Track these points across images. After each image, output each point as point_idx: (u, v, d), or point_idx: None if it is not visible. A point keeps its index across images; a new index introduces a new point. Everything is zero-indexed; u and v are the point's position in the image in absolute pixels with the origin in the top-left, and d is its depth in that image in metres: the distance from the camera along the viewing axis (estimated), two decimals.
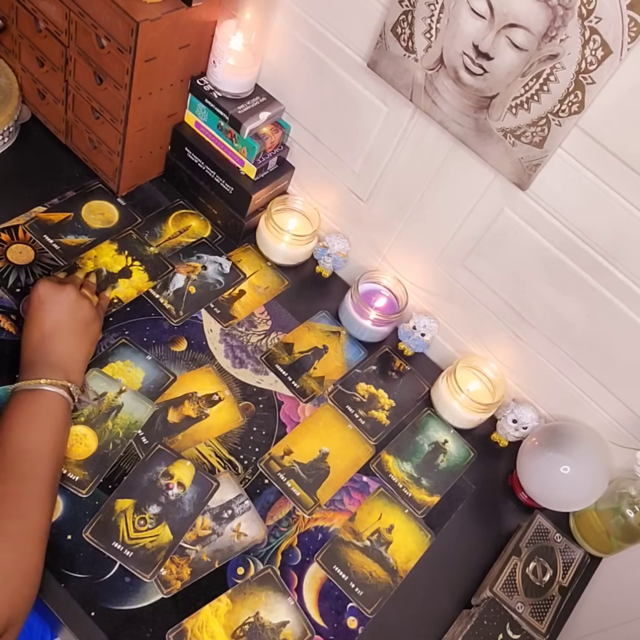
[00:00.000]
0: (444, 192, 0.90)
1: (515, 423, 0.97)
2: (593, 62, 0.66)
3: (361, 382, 0.98)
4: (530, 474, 0.91)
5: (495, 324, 0.96)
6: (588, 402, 0.93)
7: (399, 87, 0.83)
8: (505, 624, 0.81)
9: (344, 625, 0.79)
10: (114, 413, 0.83)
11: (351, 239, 1.07)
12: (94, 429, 0.81)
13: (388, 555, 0.85)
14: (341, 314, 1.03)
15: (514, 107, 0.74)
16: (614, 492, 0.89)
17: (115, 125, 0.93)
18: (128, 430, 0.83)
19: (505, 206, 0.84)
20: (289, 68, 0.97)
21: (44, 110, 1.03)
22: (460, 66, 0.75)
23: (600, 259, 0.79)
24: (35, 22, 0.92)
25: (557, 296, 0.86)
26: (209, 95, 0.96)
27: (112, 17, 0.81)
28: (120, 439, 0.82)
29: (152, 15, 0.80)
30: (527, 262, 0.86)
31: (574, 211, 0.79)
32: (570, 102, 0.70)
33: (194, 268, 1.01)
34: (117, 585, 0.73)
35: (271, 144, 0.99)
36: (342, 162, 0.99)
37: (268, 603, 0.77)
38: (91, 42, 0.86)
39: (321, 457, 0.89)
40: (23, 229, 0.95)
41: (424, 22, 0.76)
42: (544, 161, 0.76)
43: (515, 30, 0.69)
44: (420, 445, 0.95)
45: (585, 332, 0.86)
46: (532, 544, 0.88)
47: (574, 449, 0.88)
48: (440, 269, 0.97)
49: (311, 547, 0.82)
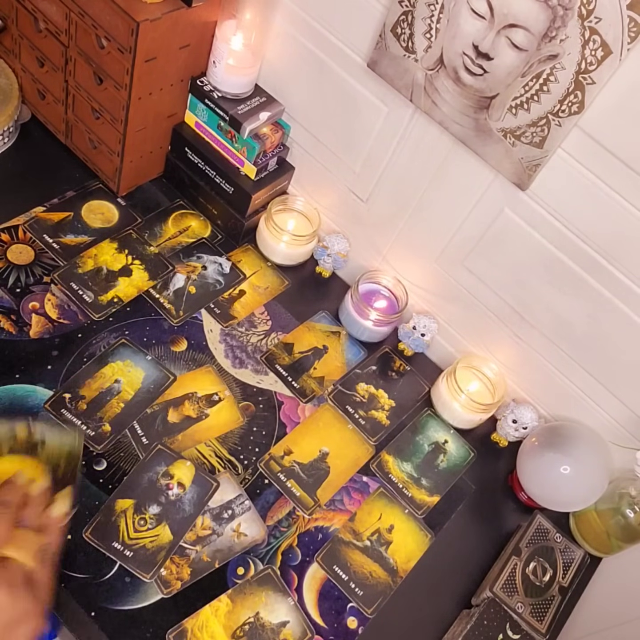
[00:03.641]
0: (444, 192, 0.90)
1: (515, 423, 0.97)
2: (593, 63, 0.66)
3: (361, 382, 0.98)
4: (530, 474, 0.91)
5: (495, 324, 0.96)
6: (588, 402, 0.93)
7: (399, 88, 0.83)
8: (505, 624, 0.81)
9: (344, 625, 0.79)
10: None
11: (351, 239, 1.07)
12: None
13: (388, 555, 0.85)
14: (341, 314, 1.03)
15: (514, 107, 0.74)
16: (614, 492, 0.89)
17: (115, 125, 0.93)
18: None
19: (505, 206, 0.84)
20: (289, 68, 0.97)
21: (44, 110, 1.03)
22: (460, 66, 0.75)
23: (600, 259, 0.79)
24: (35, 22, 0.92)
25: (557, 296, 0.86)
26: (209, 96, 0.96)
27: (112, 17, 0.81)
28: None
29: (152, 15, 0.80)
30: (527, 262, 0.86)
31: (574, 211, 0.79)
32: (570, 102, 0.70)
33: (194, 268, 1.01)
34: (117, 585, 0.73)
35: (271, 144, 0.99)
36: (342, 162, 0.99)
37: (268, 603, 0.77)
38: (91, 42, 0.86)
39: (321, 457, 0.89)
40: (23, 229, 0.95)
41: (424, 22, 0.76)
42: (544, 161, 0.76)
43: (515, 30, 0.69)
44: (420, 446, 0.95)
45: (585, 332, 0.86)
46: (532, 544, 0.88)
47: (574, 449, 0.88)
48: (440, 269, 0.97)
49: (311, 547, 0.82)
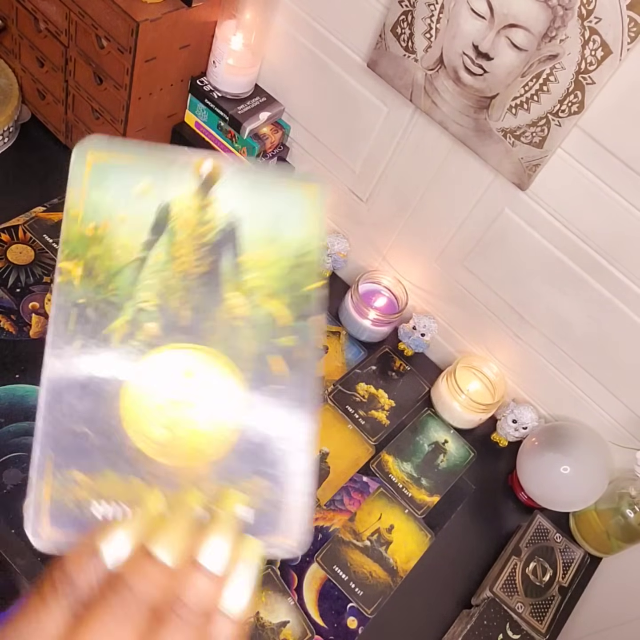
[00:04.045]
0: (444, 192, 0.90)
1: (515, 423, 0.97)
2: (593, 63, 0.66)
3: (361, 382, 0.98)
4: (530, 474, 0.91)
5: (495, 324, 0.96)
6: (588, 402, 0.93)
7: (399, 87, 0.83)
8: (505, 624, 0.81)
9: (344, 625, 0.79)
10: None
11: (351, 239, 1.07)
12: None
13: (388, 555, 0.85)
14: (341, 314, 1.03)
15: (513, 107, 0.74)
16: (614, 492, 0.89)
17: (116, 125, 0.93)
18: None
19: (505, 206, 0.84)
20: (289, 68, 0.97)
21: (44, 110, 1.03)
22: (460, 66, 0.75)
23: (600, 259, 0.79)
24: (35, 22, 0.92)
25: (557, 296, 0.86)
26: (209, 96, 0.96)
27: (112, 17, 0.81)
28: None
29: (152, 16, 0.80)
30: (527, 262, 0.86)
31: (574, 211, 0.79)
32: (570, 102, 0.70)
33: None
34: None
35: (271, 144, 0.99)
36: (342, 162, 0.99)
37: (268, 603, 0.77)
38: (91, 42, 0.86)
39: (321, 457, 0.89)
40: (23, 229, 0.95)
41: (424, 22, 0.76)
42: (544, 161, 0.76)
43: (515, 30, 0.69)
44: (420, 446, 0.95)
45: (585, 332, 0.86)
46: (532, 544, 0.88)
47: (574, 449, 0.88)
48: (440, 269, 0.97)
49: (311, 547, 0.82)
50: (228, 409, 0.34)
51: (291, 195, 0.37)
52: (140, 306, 0.34)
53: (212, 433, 0.33)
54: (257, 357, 0.34)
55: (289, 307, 0.35)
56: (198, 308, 0.34)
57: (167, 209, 0.35)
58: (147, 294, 0.34)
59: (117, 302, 0.34)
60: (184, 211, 0.35)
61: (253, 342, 0.34)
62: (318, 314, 0.35)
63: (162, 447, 0.33)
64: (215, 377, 0.34)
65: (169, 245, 0.35)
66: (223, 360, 0.34)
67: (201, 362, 0.34)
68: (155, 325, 0.34)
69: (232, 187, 0.36)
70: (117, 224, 0.34)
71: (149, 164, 0.35)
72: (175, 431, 0.33)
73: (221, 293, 0.35)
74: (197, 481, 0.33)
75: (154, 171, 0.35)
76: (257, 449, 0.34)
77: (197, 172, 0.35)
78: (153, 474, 0.32)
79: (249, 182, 0.37)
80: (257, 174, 0.37)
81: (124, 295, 0.34)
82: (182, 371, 0.33)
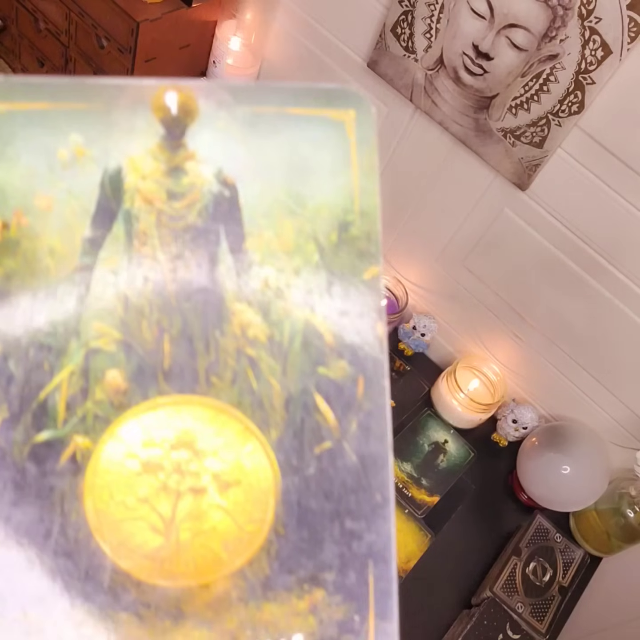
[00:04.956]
0: (444, 192, 0.90)
1: (515, 423, 0.97)
2: (593, 62, 0.66)
3: None
4: (530, 474, 0.91)
5: (495, 324, 0.96)
6: (588, 402, 0.93)
7: (399, 87, 0.83)
8: (505, 624, 0.81)
9: None
10: None
11: None
12: None
13: None
14: None
15: (513, 107, 0.74)
16: (614, 492, 0.89)
17: None
18: None
19: (505, 206, 0.84)
20: (289, 68, 0.97)
21: None
22: (460, 66, 0.75)
23: (600, 259, 0.79)
24: (35, 22, 0.92)
25: (557, 296, 0.86)
26: None
27: (112, 17, 0.81)
28: None
29: (152, 16, 0.80)
30: (527, 262, 0.86)
31: (574, 211, 0.78)
32: (570, 102, 0.70)
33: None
34: None
35: None
36: None
37: None
38: (91, 42, 0.86)
39: None
40: None
41: (424, 22, 0.76)
42: (544, 161, 0.76)
43: (515, 30, 0.69)
44: (420, 446, 0.95)
45: (585, 332, 0.86)
46: (532, 544, 0.88)
47: (574, 449, 0.88)
48: (440, 268, 0.97)
49: None
50: (252, 489, 0.21)
51: (315, 131, 0.23)
52: (92, 346, 0.21)
53: (231, 529, 0.21)
54: (292, 402, 0.22)
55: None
56: (188, 335, 0.22)
57: (116, 179, 0.22)
58: (102, 325, 0.21)
59: (55, 345, 0.21)
60: (144, 179, 0.22)
61: (283, 379, 0.22)
62: (379, 319, 0.22)
63: (156, 561, 0.21)
64: (226, 445, 0.22)
65: (127, 240, 0.22)
66: (236, 417, 0.22)
67: (201, 424, 0.22)
68: (120, 373, 0.21)
69: (217, 130, 0.22)
70: (39, 216, 0.22)
71: (76, 111, 0.22)
72: (173, 536, 0.21)
73: (223, 305, 0.22)
74: (219, 607, 0.21)
75: (87, 120, 0.22)
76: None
77: (157, 111, 0.22)
78: (147, 604, 0.21)
79: (243, 118, 0.23)
80: (255, 102, 0.23)
81: (63, 331, 0.21)
82: (172, 443, 0.21)
